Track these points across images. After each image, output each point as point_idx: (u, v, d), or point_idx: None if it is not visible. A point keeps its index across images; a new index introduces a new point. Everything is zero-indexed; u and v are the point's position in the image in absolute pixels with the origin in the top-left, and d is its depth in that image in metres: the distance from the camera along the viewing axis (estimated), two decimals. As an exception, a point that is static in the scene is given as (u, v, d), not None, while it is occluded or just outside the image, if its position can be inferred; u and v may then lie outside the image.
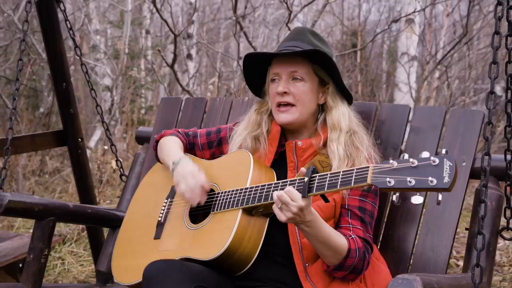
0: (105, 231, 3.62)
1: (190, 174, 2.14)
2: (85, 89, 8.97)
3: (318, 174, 1.85)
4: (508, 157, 2.08)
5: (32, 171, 6.29)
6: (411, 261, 2.23)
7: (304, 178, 1.84)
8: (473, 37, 6.72)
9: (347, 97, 2.21)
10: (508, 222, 2.11)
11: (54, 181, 6.20)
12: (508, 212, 2.10)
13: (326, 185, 1.80)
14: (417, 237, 2.24)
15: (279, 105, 2.15)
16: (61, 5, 2.97)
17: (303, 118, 2.15)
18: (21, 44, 2.74)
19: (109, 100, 7.78)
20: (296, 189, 1.83)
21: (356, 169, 1.76)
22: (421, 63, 8.39)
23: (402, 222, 2.27)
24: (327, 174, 1.82)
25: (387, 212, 2.32)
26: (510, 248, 4.44)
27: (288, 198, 1.81)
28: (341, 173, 1.79)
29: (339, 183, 1.78)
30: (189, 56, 9.95)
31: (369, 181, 1.69)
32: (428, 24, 8.14)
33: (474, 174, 2.23)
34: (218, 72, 5.02)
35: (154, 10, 10.42)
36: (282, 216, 1.84)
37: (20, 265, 3.45)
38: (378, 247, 2.29)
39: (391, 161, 1.67)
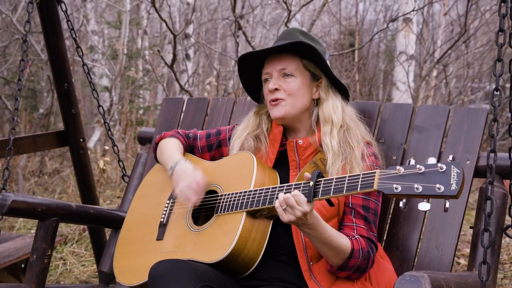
0: (107, 231, 3.62)
1: (186, 173, 2.15)
2: (84, 90, 8.97)
3: (323, 179, 1.84)
4: (513, 155, 2.08)
5: (32, 171, 6.28)
6: (416, 259, 2.23)
7: (309, 183, 1.84)
8: (471, 36, 6.72)
9: (343, 91, 2.20)
10: (512, 220, 2.11)
11: (53, 182, 6.18)
12: (512, 210, 2.09)
13: (332, 190, 1.81)
14: (422, 235, 2.24)
15: (272, 101, 2.16)
16: (62, 5, 2.97)
17: (296, 111, 2.14)
18: (23, 44, 2.73)
19: (108, 100, 7.77)
20: (302, 193, 1.83)
21: (362, 174, 1.76)
22: (419, 62, 8.39)
23: (406, 220, 2.27)
24: (332, 179, 1.82)
25: (391, 210, 2.32)
26: (511, 245, 4.45)
27: (294, 202, 1.82)
28: (347, 178, 1.79)
29: (345, 188, 1.78)
30: (187, 57, 9.96)
31: (375, 187, 1.69)
32: (425, 23, 8.14)
33: (479, 172, 2.23)
34: (217, 71, 5.00)
35: (152, 10, 10.43)
36: (284, 217, 1.85)
37: (23, 265, 3.45)
38: (383, 245, 2.29)
39: (397, 167, 1.67)
